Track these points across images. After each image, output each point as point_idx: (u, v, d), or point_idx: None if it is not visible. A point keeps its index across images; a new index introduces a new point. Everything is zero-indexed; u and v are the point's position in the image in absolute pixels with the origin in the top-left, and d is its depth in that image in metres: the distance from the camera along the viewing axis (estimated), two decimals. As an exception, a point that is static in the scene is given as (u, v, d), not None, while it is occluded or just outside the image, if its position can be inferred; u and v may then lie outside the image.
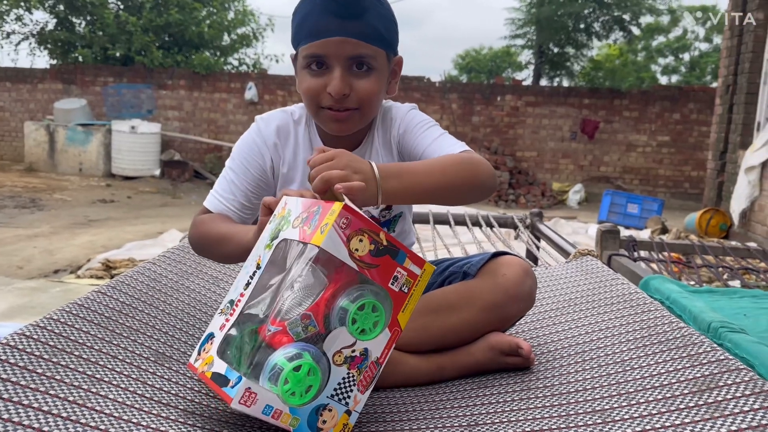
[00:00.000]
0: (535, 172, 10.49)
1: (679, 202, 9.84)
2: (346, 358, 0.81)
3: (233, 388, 0.76)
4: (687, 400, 0.84)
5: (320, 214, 0.81)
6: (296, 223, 0.85)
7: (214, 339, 0.87)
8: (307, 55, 1.10)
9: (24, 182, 8.86)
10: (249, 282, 0.87)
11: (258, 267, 0.87)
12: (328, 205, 0.82)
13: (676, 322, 1.10)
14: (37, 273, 4.03)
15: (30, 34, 12.17)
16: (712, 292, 1.94)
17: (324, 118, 1.14)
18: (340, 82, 1.08)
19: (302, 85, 1.13)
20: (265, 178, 1.22)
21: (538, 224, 2.63)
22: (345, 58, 1.08)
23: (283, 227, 0.87)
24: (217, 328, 0.87)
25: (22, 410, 0.72)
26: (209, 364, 0.84)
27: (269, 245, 0.88)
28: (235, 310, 0.86)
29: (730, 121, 6.45)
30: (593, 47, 13.23)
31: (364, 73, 1.11)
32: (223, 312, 0.89)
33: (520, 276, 1.10)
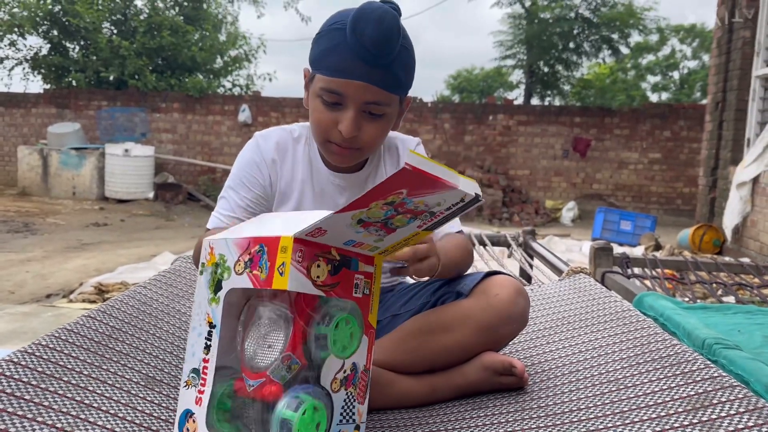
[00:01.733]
0: (528, 190, 10.53)
1: (672, 218, 9.87)
2: (341, 381, 0.81)
3: None
4: (681, 419, 0.84)
5: (267, 253, 0.77)
6: (239, 268, 0.80)
7: (194, 416, 0.80)
8: (325, 88, 1.08)
9: (17, 206, 8.81)
10: (208, 344, 0.81)
11: (212, 326, 0.81)
12: (271, 241, 0.77)
13: (669, 339, 1.10)
14: (30, 298, 3.99)
15: (23, 59, 12.20)
16: (706, 309, 1.94)
17: (328, 150, 1.15)
18: (352, 124, 1.08)
19: (313, 114, 1.13)
20: (265, 194, 1.22)
21: (530, 242, 2.63)
22: (362, 103, 1.08)
23: (223, 276, 0.82)
24: (193, 404, 0.81)
25: (9, 438, 0.71)
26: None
27: (214, 299, 0.82)
28: (205, 379, 0.80)
29: (720, 137, 6.50)
30: (583, 66, 13.36)
31: (376, 118, 1.11)
32: (189, 384, 0.82)
33: (512, 296, 1.10)
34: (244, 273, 0.79)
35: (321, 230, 0.77)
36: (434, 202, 0.75)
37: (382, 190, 0.71)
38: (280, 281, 0.75)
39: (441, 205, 0.77)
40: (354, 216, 0.75)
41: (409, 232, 0.83)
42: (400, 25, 1.05)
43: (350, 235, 0.80)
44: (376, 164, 1.26)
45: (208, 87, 11.27)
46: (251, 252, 0.79)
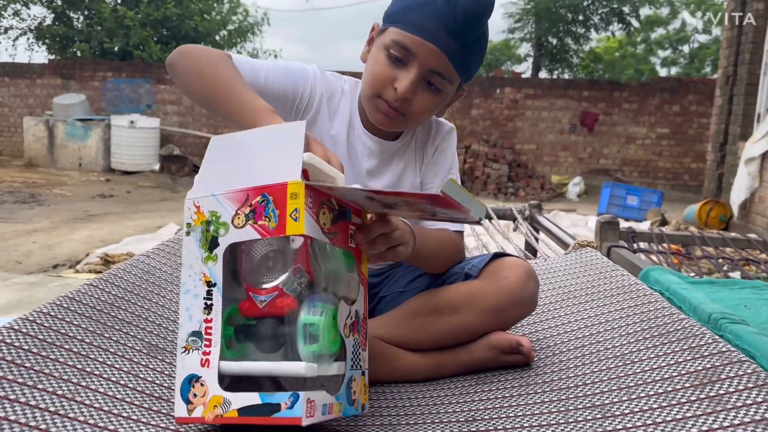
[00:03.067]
0: (534, 164, 10.47)
1: (679, 194, 9.82)
2: (350, 327, 0.83)
3: (293, 408, 0.71)
4: (688, 394, 0.83)
5: (273, 201, 0.75)
6: (238, 221, 0.77)
7: (202, 379, 0.77)
8: (397, 41, 1.04)
9: (23, 177, 8.83)
10: (209, 304, 0.78)
11: (211, 284, 0.78)
12: (276, 189, 0.76)
13: (676, 314, 1.08)
14: (36, 268, 4.02)
15: (28, 29, 12.13)
16: (713, 283, 1.92)
17: (374, 106, 1.10)
18: (410, 85, 1.04)
19: (373, 66, 1.08)
20: (291, 99, 1.13)
21: (536, 216, 2.62)
22: (426, 68, 1.04)
23: (218, 233, 0.78)
24: (198, 367, 0.77)
25: (9, 405, 0.71)
26: (222, 405, 0.75)
27: (210, 257, 0.78)
28: (210, 339, 0.77)
29: (730, 112, 6.42)
30: (592, 39, 13.19)
31: (432, 91, 1.07)
32: (189, 349, 0.78)
33: (523, 279, 1.08)
34: (246, 225, 0.77)
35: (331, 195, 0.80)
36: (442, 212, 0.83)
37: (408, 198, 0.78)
38: (295, 227, 0.74)
39: (446, 215, 0.85)
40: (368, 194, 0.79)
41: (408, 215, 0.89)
42: (494, 5, 1.02)
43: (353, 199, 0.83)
44: (409, 140, 1.22)
45: (212, 58, 11.19)
46: (252, 204, 0.77)
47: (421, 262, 1.10)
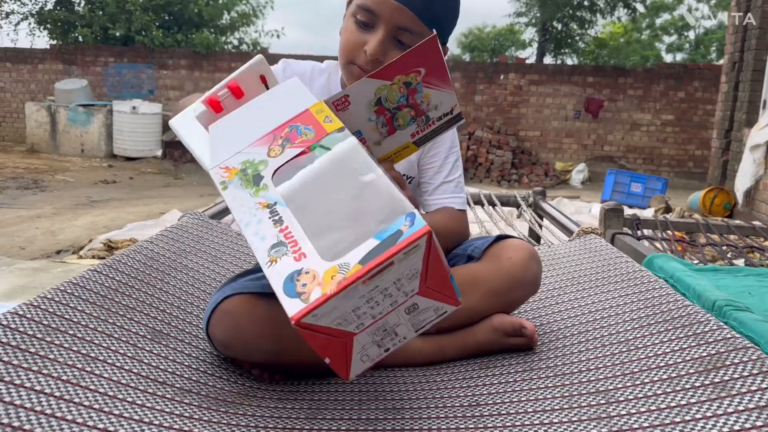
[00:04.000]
0: (538, 151, 10.43)
1: (683, 181, 9.78)
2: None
3: (414, 226, 0.69)
4: (693, 380, 0.83)
5: (303, 123, 0.81)
6: (275, 152, 0.79)
7: (304, 269, 0.70)
8: (361, 5, 1.06)
9: (26, 163, 8.83)
10: (277, 218, 0.75)
11: (271, 205, 0.76)
12: (300, 116, 0.82)
13: (681, 300, 1.08)
14: (40, 254, 4.02)
15: (29, 14, 12.07)
16: (717, 271, 1.92)
17: (350, 73, 1.12)
18: (378, 45, 1.05)
19: (344, 34, 1.11)
20: None
21: (540, 203, 2.61)
22: (393, 26, 1.05)
23: (258, 169, 0.79)
24: (294, 263, 0.71)
25: (14, 390, 0.71)
26: (340, 270, 0.69)
27: (261, 188, 0.78)
28: (296, 241, 0.72)
29: (735, 98, 6.38)
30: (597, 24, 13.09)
31: (404, 49, 1.06)
32: (274, 261, 0.72)
33: (525, 260, 1.08)
34: (284, 151, 0.79)
35: (347, 100, 0.86)
36: (435, 102, 0.90)
37: (407, 61, 0.84)
38: (332, 125, 0.79)
39: (437, 110, 0.91)
40: (377, 91, 0.86)
41: (403, 141, 0.94)
42: None
43: (361, 123, 0.89)
44: None
45: (215, 43, 11.14)
46: (282, 136, 0.81)
47: None
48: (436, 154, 1.25)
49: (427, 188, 1.25)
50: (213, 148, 0.85)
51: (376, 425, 0.83)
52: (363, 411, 0.88)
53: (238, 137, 0.84)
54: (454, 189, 1.26)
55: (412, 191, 1.25)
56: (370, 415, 0.87)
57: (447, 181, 1.25)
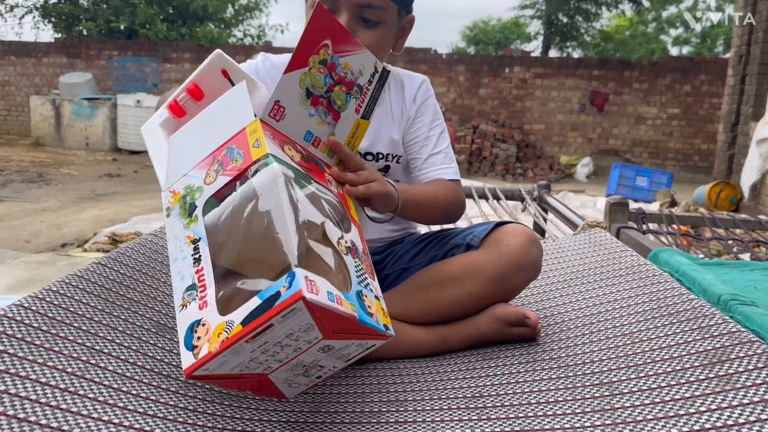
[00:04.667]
0: (542, 145, 10.40)
1: (689, 175, 9.75)
2: (346, 248, 0.81)
3: (291, 288, 0.68)
4: (697, 373, 0.82)
5: (237, 146, 0.79)
6: (210, 178, 0.78)
7: (203, 320, 0.72)
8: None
9: (31, 157, 8.85)
10: (197, 257, 0.76)
11: (196, 241, 0.76)
12: (235, 137, 0.80)
13: (686, 294, 1.08)
14: (45, 247, 4.04)
15: (33, 7, 12.09)
16: (722, 265, 1.91)
17: None
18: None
19: None
20: None
21: (545, 196, 2.60)
22: (354, 6, 1.05)
23: (195, 198, 0.79)
24: (197, 311, 0.73)
25: (20, 382, 0.71)
26: (226, 328, 0.70)
27: (192, 220, 0.78)
28: (204, 284, 0.74)
29: (742, 92, 6.34)
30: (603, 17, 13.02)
31: (371, 27, 1.07)
32: (186, 305, 0.74)
33: (525, 245, 1.08)
34: (217, 178, 0.78)
35: (280, 107, 0.83)
36: (357, 68, 0.90)
37: (310, 39, 0.83)
38: (259, 151, 0.76)
39: (363, 75, 0.91)
40: (301, 82, 0.84)
41: (352, 121, 0.93)
42: None
43: (306, 123, 0.87)
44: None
45: (219, 37, 11.13)
46: (219, 159, 0.80)
47: (415, 210, 1.09)
48: (419, 129, 1.22)
49: (416, 163, 1.22)
50: (169, 166, 0.84)
51: (379, 417, 0.83)
52: (366, 403, 0.88)
53: (188, 155, 0.83)
54: (443, 159, 1.22)
55: (401, 170, 1.24)
56: (373, 407, 0.87)
57: (434, 153, 1.21)
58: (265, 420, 0.82)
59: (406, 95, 1.23)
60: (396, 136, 1.21)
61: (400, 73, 1.25)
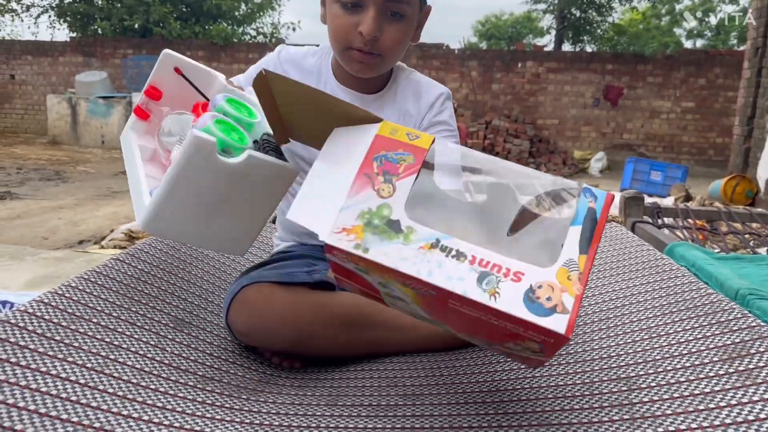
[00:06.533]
0: (556, 140, 10.34)
1: (703, 169, 9.65)
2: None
3: (599, 198, 0.65)
4: (716, 368, 0.82)
5: (388, 150, 0.71)
6: (386, 191, 0.68)
7: (534, 285, 0.61)
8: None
9: (48, 155, 8.94)
10: (454, 251, 0.64)
11: (435, 244, 0.65)
12: (379, 143, 0.71)
13: (704, 288, 1.07)
14: (62, 244, 4.08)
15: (49, 7, 12.19)
16: (739, 259, 1.89)
17: (348, 58, 1.10)
18: (373, 23, 1.04)
19: (333, 21, 1.09)
20: None
21: (560, 191, 2.58)
22: (382, 0, 1.04)
23: (386, 215, 0.68)
24: (515, 284, 0.62)
25: (40, 377, 0.72)
26: (568, 270, 0.62)
27: (407, 232, 0.67)
28: (495, 264, 0.63)
29: (758, 85, 6.26)
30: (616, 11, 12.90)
31: (396, 20, 1.07)
32: (493, 293, 0.62)
33: None
34: (395, 184, 0.68)
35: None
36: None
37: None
38: (422, 139, 0.72)
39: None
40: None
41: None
42: None
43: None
44: (393, 94, 1.21)
45: (232, 35, 11.16)
46: (376, 172, 0.70)
47: None
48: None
49: None
50: (313, 222, 0.71)
51: (396, 411, 0.84)
52: (383, 397, 0.88)
53: (329, 195, 0.71)
54: None
55: None
56: (390, 401, 0.87)
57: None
58: (283, 413, 0.83)
59: (422, 102, 1.21)
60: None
61: (417, 79, 1.24)
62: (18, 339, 0.77)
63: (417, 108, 1.21)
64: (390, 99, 1.21)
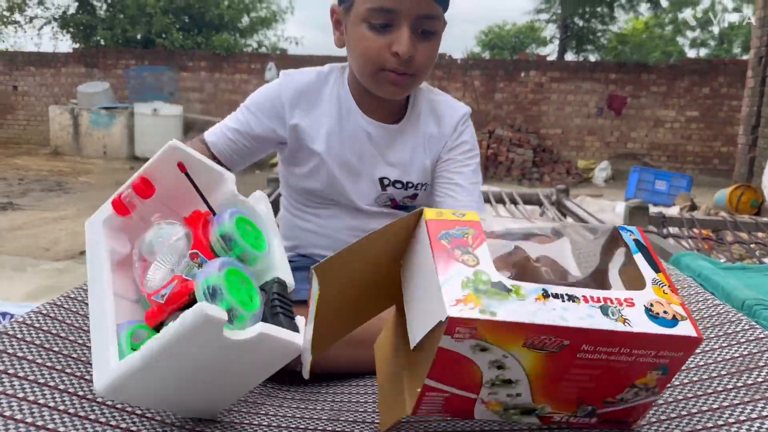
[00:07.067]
0: (559, 149, 10.34)
1: (708, 178, 9.64)
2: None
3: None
4: (724, 382, 0.80)
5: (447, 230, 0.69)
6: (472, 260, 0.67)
7: (652, 301, 0.65)
8: (373, 8, 1.00)
9: (50, 166, 8.97)
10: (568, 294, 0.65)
11: (548, 294, 0.65)
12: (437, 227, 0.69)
13: (711, 299, 1.05)
14: (64, 255, 4.08)
15: (52, 18, 12.29)
16: (746, 269, 1.88)
17: (383, 81, 1.06)
18: (409, 42, 1.00)
19: (360, 43, 1.04)
20: (274, 132, 1.16)
21: (564, 200, 2.58)
22: (415, 17, 1.00)
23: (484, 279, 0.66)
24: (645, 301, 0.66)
25: (38, 388, 0.71)
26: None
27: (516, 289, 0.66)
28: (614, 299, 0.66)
29: (762, 94, 6.26)
30: (619, 20, 12.94)
31: (428, 37, 1.04)
32: (622, 321, 0.65)
33: None
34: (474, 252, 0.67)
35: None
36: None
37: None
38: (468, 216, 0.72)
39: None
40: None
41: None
42: None
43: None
44: (415, 123, 1.18)
45: (235, 45, 11.22)
46: (449, 250, 0.68)
47: None
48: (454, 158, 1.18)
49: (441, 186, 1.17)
50: (429, 318, 0.66)
51: (398, 428, 0.82)
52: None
53: (423, 287, 0.68)
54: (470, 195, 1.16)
55: (427, 196, 1.21)
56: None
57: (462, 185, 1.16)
58: (284, 427, 0.81)
59: (445, 123, 1.19)
60: (428, 163, 1.18)
61: (438, 100, 1.21)
62: (16, 350, 0.76)
63: (440, 130, 1.19)
64: (412, 126, 1.18)
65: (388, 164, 1.17)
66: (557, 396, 0.68)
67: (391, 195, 1.19)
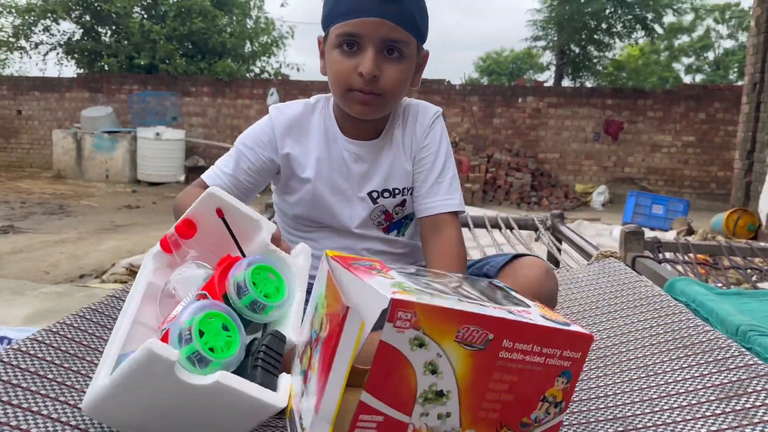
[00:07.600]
0: (557, 173, 10.38)
1: (705, 202, 9.65)
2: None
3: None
4: (713, 407, 0.81)
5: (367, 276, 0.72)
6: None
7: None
8: (341, 33, 1.08)
9: (53, 189, 9.00)
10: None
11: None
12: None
13: (702, 326, 1.06)
14: (64, 278, 4.08)
15: (57, 44, 12.41)
16: (741, 294, 1.88)
17: (350, 100, 1.12)
18: (371, 62, 1.06)
19: (333, 66, 1.11)
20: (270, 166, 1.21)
21: (559, 226, 2.59)
22: (379, 40, 1.07)
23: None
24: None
25: (31, 417, 0.71)
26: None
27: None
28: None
29: (757, 119, 6.31)
30: (615, 47, 13.08)
31: (395, 60, 1.09)
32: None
33: (541, 278, 1.07)
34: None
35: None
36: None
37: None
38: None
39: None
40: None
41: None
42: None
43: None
44: (392, 134, 1.23)
45: (237, 71, 11.33)
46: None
47: None
48: (425, 157, 1.22)
49: (420, 191, 1.21)
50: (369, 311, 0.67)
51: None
52: None
53: (360, 296, 0.70)
54: (448, 189, 1.20)
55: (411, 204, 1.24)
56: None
57: (439, 182, 1.20)
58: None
59: (417, 126, 1.23)
60: (408, 167, 1.22)
61: (411, 104, 1.26)
62: (11, 377, 0.77)
63: (413, 131, 1.23)
64: (390, 135, 1.22)
65: (373, 177, 1.21)
66: (482, 416, 0.69)
67: (382, 207, 1.22)
